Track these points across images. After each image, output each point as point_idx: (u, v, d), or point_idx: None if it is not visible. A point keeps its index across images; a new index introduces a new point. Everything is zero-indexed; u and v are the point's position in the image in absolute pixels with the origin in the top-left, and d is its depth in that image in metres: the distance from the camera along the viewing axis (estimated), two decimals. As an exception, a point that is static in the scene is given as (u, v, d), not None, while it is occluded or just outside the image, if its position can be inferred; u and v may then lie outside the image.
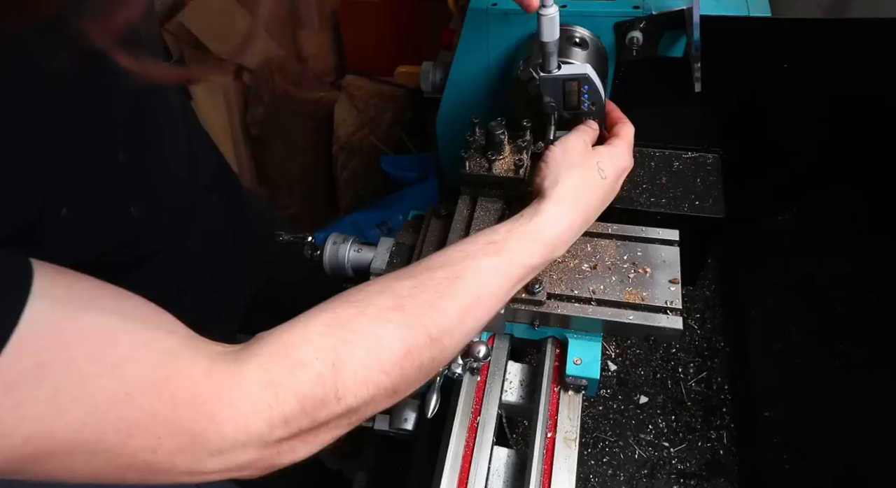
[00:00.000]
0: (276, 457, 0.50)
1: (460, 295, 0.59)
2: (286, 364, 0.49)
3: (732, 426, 0.97)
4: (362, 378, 0.52)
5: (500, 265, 0.63)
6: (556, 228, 0.67)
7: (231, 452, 0.47)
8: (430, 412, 0.71)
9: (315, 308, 0.55)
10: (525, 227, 0.66)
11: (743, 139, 1.00)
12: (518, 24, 0.89)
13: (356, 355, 0.52)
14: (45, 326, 0.39)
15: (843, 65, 0.88)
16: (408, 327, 0.55)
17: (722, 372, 1.03)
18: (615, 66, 0.92)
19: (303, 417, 0.49)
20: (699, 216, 0.95)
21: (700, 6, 0.78)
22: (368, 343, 0.53)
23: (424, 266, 0.61)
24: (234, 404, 0.46)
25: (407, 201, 2.36)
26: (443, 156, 1.14)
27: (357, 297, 0.57)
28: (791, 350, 0.97)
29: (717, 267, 1.17)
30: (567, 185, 0.70)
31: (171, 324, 0.48)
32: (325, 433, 0.53)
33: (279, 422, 0.48)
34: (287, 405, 0.48)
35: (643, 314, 0.74)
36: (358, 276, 0.92)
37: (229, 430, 0.46)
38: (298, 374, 0.49)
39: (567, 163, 0.71)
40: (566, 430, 0.74)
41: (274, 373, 0.48)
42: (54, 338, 0.39)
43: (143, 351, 0.43)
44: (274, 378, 0.48)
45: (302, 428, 0.50)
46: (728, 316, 1.10)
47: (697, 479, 0.93)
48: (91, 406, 0.40)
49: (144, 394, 0.42)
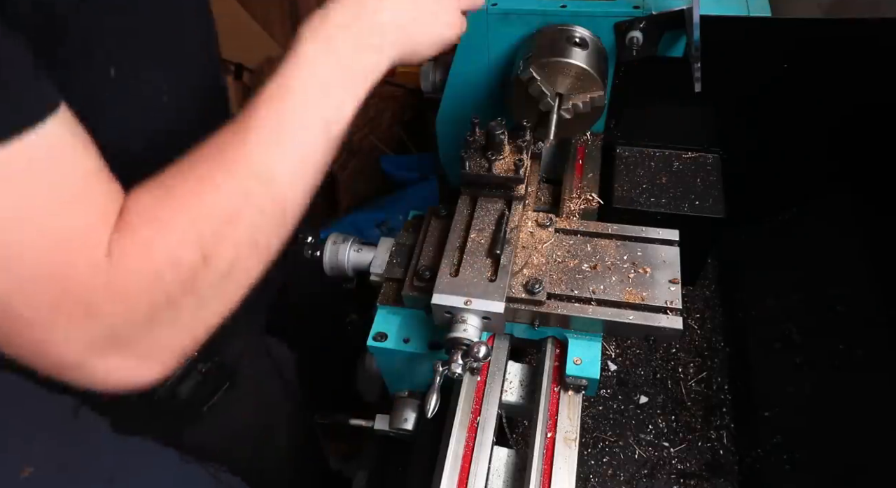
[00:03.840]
0: (157, 329, 0.52)
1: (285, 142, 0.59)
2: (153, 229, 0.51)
3: (732, 426, 0.97)
4: (220, 237, 0.53)
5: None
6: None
7: (116, 325, 0.49)
8: (430, 412, 0.71)
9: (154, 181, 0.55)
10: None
11: (743, 139, 1.00)
12: (518, 24, 0.89)
13: (211, 215, 0.53)
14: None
15: (843, 65, 0.88)
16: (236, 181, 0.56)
17: (722, 372, 1.03)
18: (615, 66, 0.92)
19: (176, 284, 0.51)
20: (699, 216, 0.95)
21: (700, 6, 0.78)
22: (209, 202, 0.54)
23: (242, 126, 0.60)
24: (118, 278, 0.48)
25: (407, 201, 2.36)
26: (443, 157, 1.14)
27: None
28: (791, 350, 0.97)
29: (717, 267, 1.18)
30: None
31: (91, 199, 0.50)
32: (197, 301, 0.54)
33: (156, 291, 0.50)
34: (161, 269, 0.50)
35: (643, 314, 0.74)
36: (358, 276, 0.92)
37: (114, 300, 0.48)
38: (167, 237, 0.51)
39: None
40: (566, 430, 0.74)
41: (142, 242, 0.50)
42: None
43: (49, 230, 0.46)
44: (144, 246, 0.50)
45: (172, 293, 0.51)
46: (728, 316, 1.10)
47: (697, 479, 0.93)
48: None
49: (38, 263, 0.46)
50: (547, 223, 0.82)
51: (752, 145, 1.01)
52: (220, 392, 1.03)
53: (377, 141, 2.53)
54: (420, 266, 0.81)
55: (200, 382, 0.97)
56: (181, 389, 0.95)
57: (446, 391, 0.78)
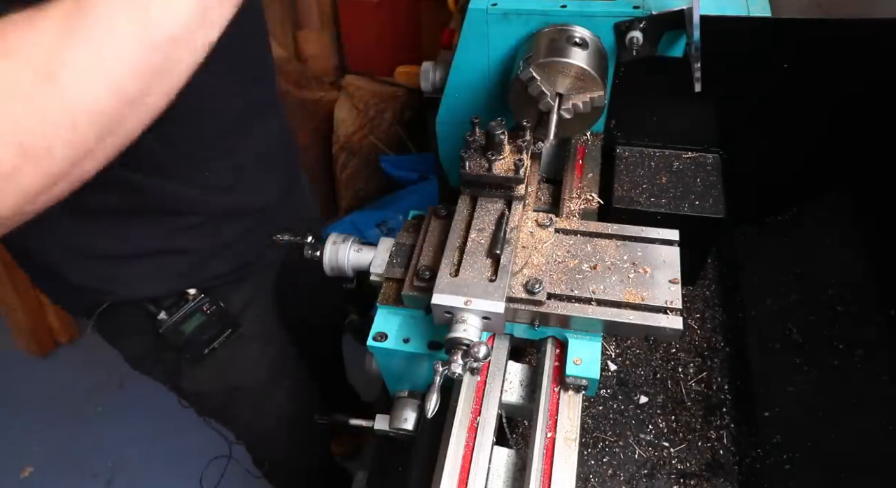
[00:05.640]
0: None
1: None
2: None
3: (732, 426, 0.97)
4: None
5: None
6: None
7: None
8: (430, 412, 0.71)
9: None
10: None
11: (743, 139, 1.01)
12: (518, 24, 0.89)
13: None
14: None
15: (843, 65, 0.88)
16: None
17: (722, 372, 1.03)
18: (615, 66, 0.92)
19: None
20: (699, 216, 0.95)
21: (700, 6, 0.78)
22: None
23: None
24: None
25: (407, 201, 2.37)
26: (443, 157, 1.14)
27: None
28: (791, 350, 0.97)
29: (717, 267, 1.18)
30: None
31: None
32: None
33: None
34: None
35: (643, 314, 0.74)
36: (358, 276, 0.92)
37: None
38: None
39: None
40: (566, 430, 0.74)
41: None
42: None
43: None
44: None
45: None
46: (728, 316, 1.10)
47: (697, 479, 0.93)
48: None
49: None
50: (547, 223, 0.82)
51: (751, 145, 1.01)
52: (223, 337, 1.08)
53: (377, 141, 2.53)
54: (420, 266, 0.81)
55: (204, 323, 1.02)
56: (186, 326, 1.01)
57: (446, 391, 0.78)
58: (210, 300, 1.03)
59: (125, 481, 2.18)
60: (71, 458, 2.23)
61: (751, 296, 1.09)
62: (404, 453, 0.95)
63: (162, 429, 2.19)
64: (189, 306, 1.01)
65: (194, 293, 1.01)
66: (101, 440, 2.25)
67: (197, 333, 1.04)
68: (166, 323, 0.99)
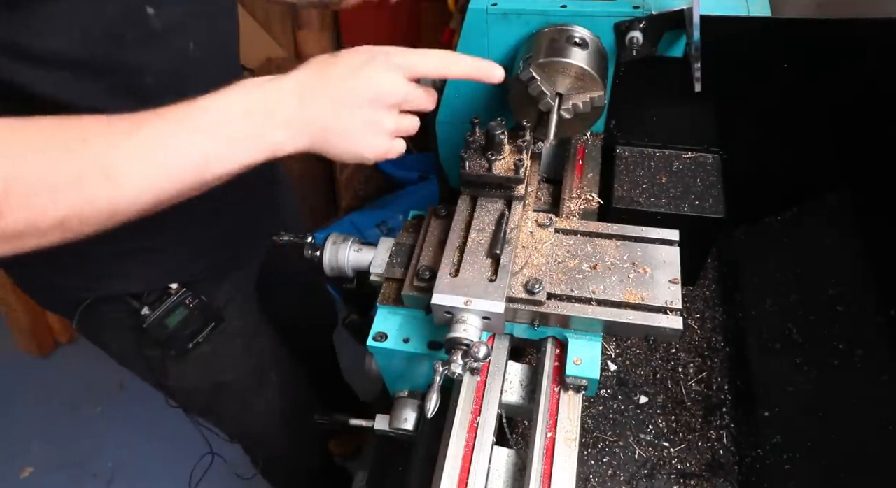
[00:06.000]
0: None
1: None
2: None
3: (732, 426, 0.97)
4: (33, 196, 0.54)
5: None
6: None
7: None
8: (430, 412, 0.71)
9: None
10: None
11: (743, 139, 1.00)
12: (518, 24, 0.89)
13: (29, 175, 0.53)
14: None
15: (843, 65, 0.88)
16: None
17: (722, 372, 1.03)
18: (615, 66, 0.92)
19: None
20: (699, 216, 0.95)
21: (700, 6, 0.78)
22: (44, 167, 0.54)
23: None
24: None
25: (407, 201, 2.37)
26: (443, 157, 1.14)
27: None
28: (791, 350, 0.97)
29: (717, 267, 1.17)
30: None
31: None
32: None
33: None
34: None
35: (643, 314, 0.74)
36: (358, 276, 0.92)
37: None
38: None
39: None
40: (566, 430, 0.74)
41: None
42: None
43: None
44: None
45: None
46: (728, 316, 1.10)
47: (697, 479, 0.93)
48: None
49: None
50: (547, 223, 0.82)
51: (751, 145, 1.01)
52: (206, 331, 1.09)
53: (377, 141, 2.52)
54: (420, 266, 0.81)
55: (188, 316, 1.03)
56: (169, 320, 1.01)
57: (446, 391, 0.78)
58: (192, 294, 1.03)
59: (125, 481, 2.18)
60: (71, 458, 2.22)
61: (751, 296, 1.09)
62: (404, 453, 0.95)
63: (162, 429, 2.19)
64: (172, 300, 1.00)
65: (176, 287, 1.01)
66: (101, 440, 2.25)
67: (180, 327, 1.03)
68: (150, 317, 0.99)
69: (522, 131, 0.83)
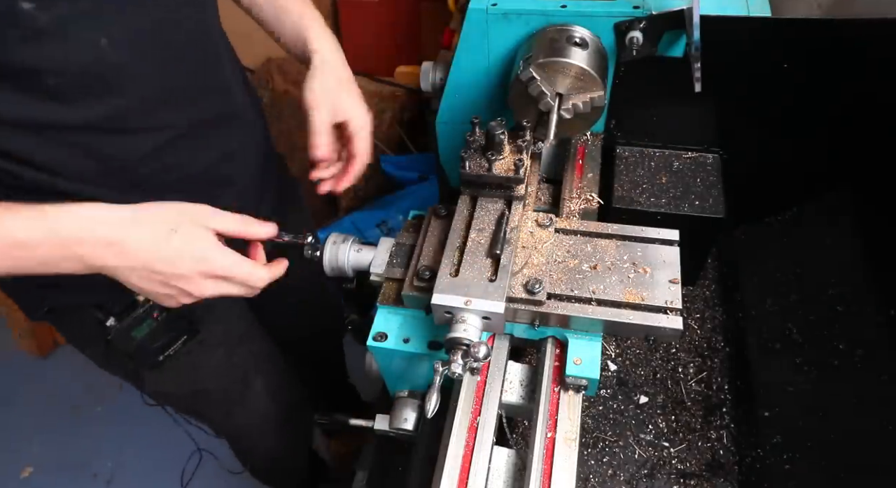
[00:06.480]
0: None
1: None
2: None
3: (732, 426, 0.97)
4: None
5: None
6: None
7: None
8: (430, 412, 0.71)
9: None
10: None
11: (743, 139, 1.00)
12: (518, 24, 0.89)
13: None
14: None
15: (843, 65, 0.88)
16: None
17: (722, 372, 1.03)
18: (615, 66, 0.92)
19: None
20: (699, 216, 0.95)
21: (700, 6, 0.78)
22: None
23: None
24: None
25: (407, 201, 2.36)
26: (443, 157, 1.14)
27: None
28: (791, 350, 0.97)
29: (717, 267, 1.17)
30: None
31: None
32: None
33: None
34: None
35: (643, 314, 0.74)
36: (358, 276, 0.92)
37: None
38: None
39: None
40: (566, 430, 0.74)
41: None
42: None
43: None
44: None
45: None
46: (728, 316, 1.10)
47: (697, 479, 0.93)
48: None
49: None
50: (547, 223, 0.82)
51: (752, 145, 1.01)
52: (178, 343, 1.06)
53: (377, 141, 2.53)
54: (420, 266, 0.81)
55: (155, 329, 1.01)
56: (136, 332, 0.99)
57: (446, 391, 0.78)
58: (160, 306, 0.98)
59: (125, 481, 2.18)
60: (71, 458, 2.22)
61: (751, 296, 1.09)
62: (404, 453, 0.95)
63: (162, 429, 2.19)
64: (138, 312, 0.98)
65: (143, 299, 0.98)
66: (101, 440, 2.25)
67: (148, 340, 1.00)
68: (115, 329, 0.97)
69: (522, 131, 0.83)
